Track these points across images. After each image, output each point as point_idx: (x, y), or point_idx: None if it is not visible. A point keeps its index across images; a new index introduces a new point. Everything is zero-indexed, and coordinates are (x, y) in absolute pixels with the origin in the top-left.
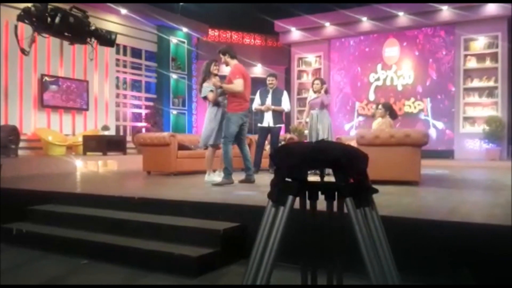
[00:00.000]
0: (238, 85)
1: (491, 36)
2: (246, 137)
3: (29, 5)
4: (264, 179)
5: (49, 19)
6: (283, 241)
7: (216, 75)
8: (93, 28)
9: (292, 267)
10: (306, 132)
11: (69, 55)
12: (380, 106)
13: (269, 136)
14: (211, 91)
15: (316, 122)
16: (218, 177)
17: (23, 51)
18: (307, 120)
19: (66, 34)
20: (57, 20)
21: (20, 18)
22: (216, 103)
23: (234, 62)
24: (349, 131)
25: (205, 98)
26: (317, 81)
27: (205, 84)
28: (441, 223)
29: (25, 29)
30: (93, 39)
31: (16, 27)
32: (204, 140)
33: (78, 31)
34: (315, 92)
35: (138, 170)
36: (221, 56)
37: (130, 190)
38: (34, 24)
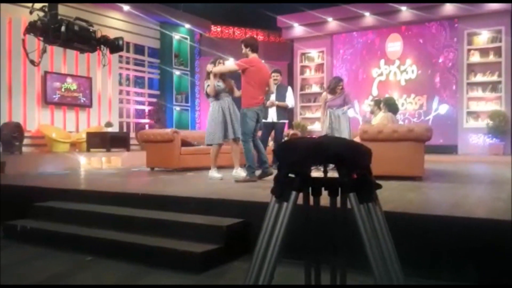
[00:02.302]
0: (226, 65)
1: (494, 30)
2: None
3: (35, 18)
4: None
5: (54, 30)
6: (286, 237)
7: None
8: (99, 35)
9: (295, 262)
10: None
11: (72, 52)
12: (381, 103)
13: (272, 132)
14: (208, 85)
15: (337, 121)
16: (216, 173)
17: (32, 62)
18: (326, 120)
19: (75, 44)
20: (62, 29)
21: (27, 31)
22: (216, 98)
23: (253, 55)
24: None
25: (208, 95)
26: (340, 82)
27: (205, 82)
28: (444, 218)
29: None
30: (103, 47)
31: (23, 40)
32: (207, 138)
33: (86, 39)
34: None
35: (142, 166)
36: (243, 47)
37: (134, 186)
38: (43, 36)
